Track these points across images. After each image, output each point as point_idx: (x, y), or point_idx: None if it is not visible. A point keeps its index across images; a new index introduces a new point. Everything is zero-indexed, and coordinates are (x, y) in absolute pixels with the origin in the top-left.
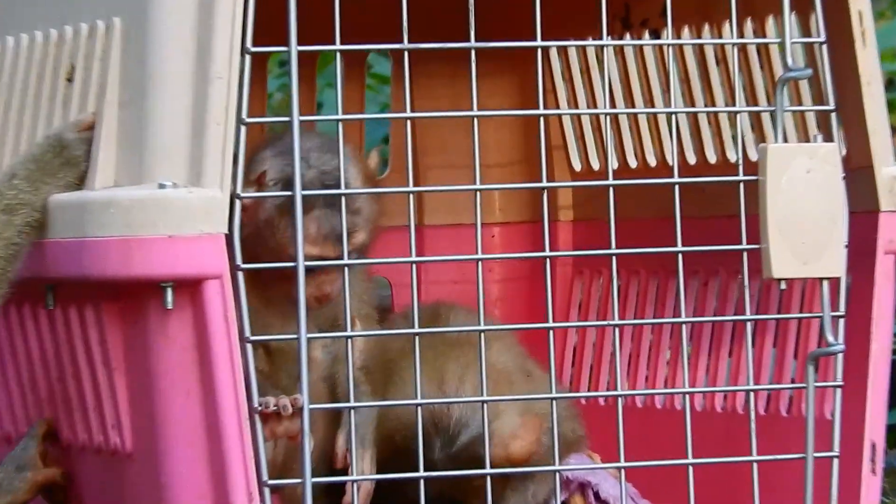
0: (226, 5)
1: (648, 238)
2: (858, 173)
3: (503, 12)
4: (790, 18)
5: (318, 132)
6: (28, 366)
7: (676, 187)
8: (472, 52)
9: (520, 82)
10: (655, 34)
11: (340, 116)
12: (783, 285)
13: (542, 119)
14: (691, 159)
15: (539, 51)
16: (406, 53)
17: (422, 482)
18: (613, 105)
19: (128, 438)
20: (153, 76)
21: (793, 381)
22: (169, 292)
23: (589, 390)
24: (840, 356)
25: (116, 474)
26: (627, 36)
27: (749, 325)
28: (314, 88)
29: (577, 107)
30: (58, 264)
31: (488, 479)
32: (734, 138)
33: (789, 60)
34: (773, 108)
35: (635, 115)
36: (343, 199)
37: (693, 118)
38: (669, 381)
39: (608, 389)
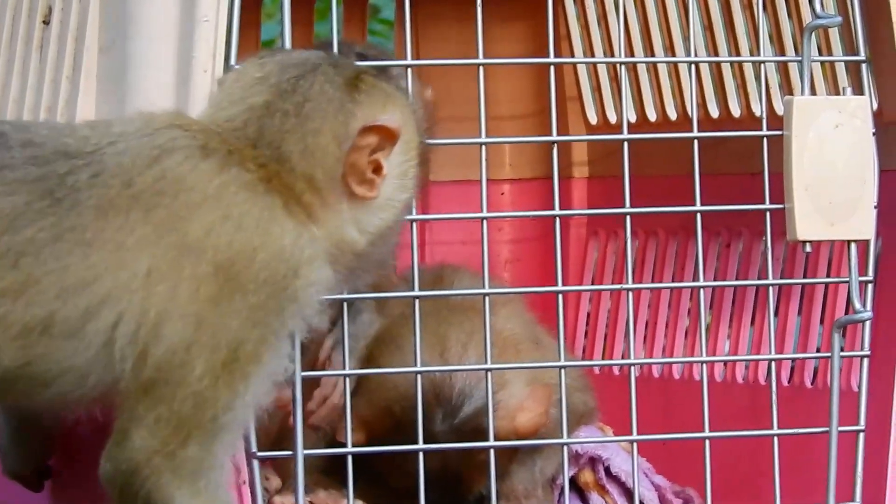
0: None
1: (668, 196)
2: (890, 128)
3: None
4: None
5: None
6: None
7: (696, 142)
8: None
9: (533, 28)
10: None
11: None
12: (808, 248)
13: (552, 68)
14: (714, 112)
15: None
16: None
17: (421, 455)
18: (631, 53)
19: None
20: (135, 18)
21: (818, 350)
22: None
23: (603, 358)
24: (868, 324)
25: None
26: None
27: (772, 291)
28: (311, 26)
29: (593, 55)
30: None
31: (492, 452)
32: (759, 90)
33: (818, 7)
34: (800, 59)
35: (654, 64)
36: None
37: (716, 68)
38: (688, 350)
39: (623, 358)
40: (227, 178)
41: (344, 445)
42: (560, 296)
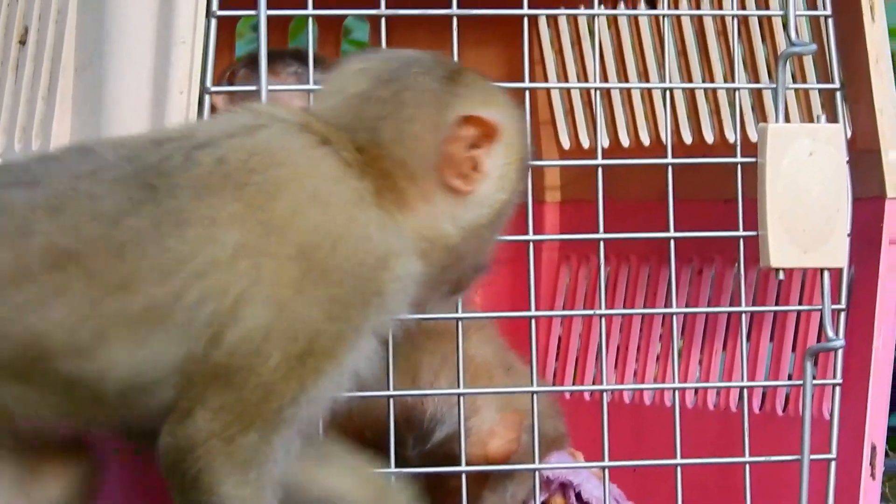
0: None
1: (640, 222)
2: (864, 156)
3: None
4: None
5: None
6: None
7: (670, 168)
8: (454, 20)
9: (506, 52)
10: (651, 3)
11: (311, 87)
12: (781, 275)
13: (527, 92)
14: (687, 138)
15: (526, 19)
16: (383, 20)
17: (392, 479)
18: (605, 79)
19: None
20: (111, 40)
21: (790, 378)
22: None
23: (574, 384)
24: (840, 352)
25: None
26: (622, 5)
27: (745, 318)
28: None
29: (566, 80)
30: None
31: (464, 477)
32: (733, 117)
33: (793, 34)
34: (774, 86)
35: (628, 89)
36: None
37: (690, 94)
38: (660, 375)
39: (594, 384)
40: (318, 155)
41: None
42: (533, 320)
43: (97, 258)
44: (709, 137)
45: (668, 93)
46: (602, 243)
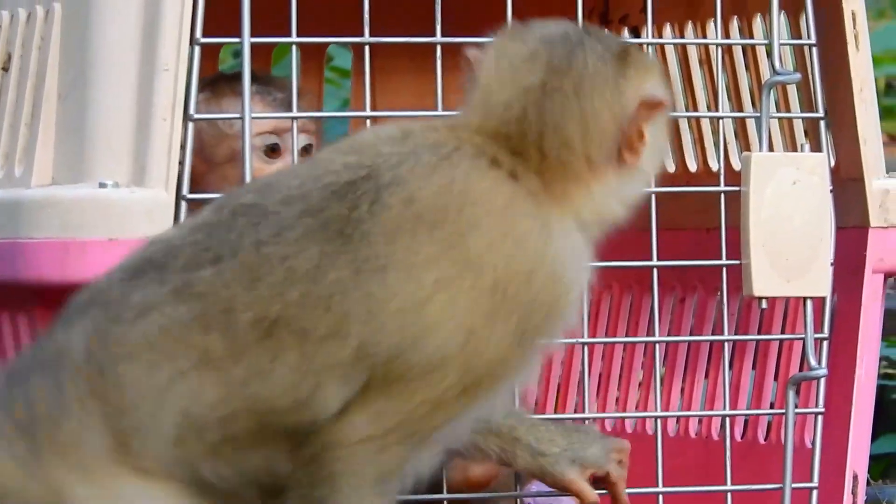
0: None
1: (623, 250)
2: (847, 185)
3: (473, 4)
4: (779, 18)
5: None
6: None
7: (653, 197)
8: (438, 48)
9: None
10: (635, 32)
11: (294, 114)
12: (764, 304)
13: None
14: (671, 167)
15: None
16: (367, 47)
17: None
18: None
19: None
20: (95, 67)
21: (772, 406)
22: None
23: (556, 411)
24: (822, 381)
25: None
26: (606, 33)
27: (727, 346)
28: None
29: None
30: None
31: None
32: (716, 145)
33: (777, 63)
34: (758, 114)
35: None
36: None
37: (673, 123)
38: (642, 403)
39: (576, 411)
40: (509, 192)
41: None
42: None
43: (305, 317)
44: (692, 166)
45: None
46: None
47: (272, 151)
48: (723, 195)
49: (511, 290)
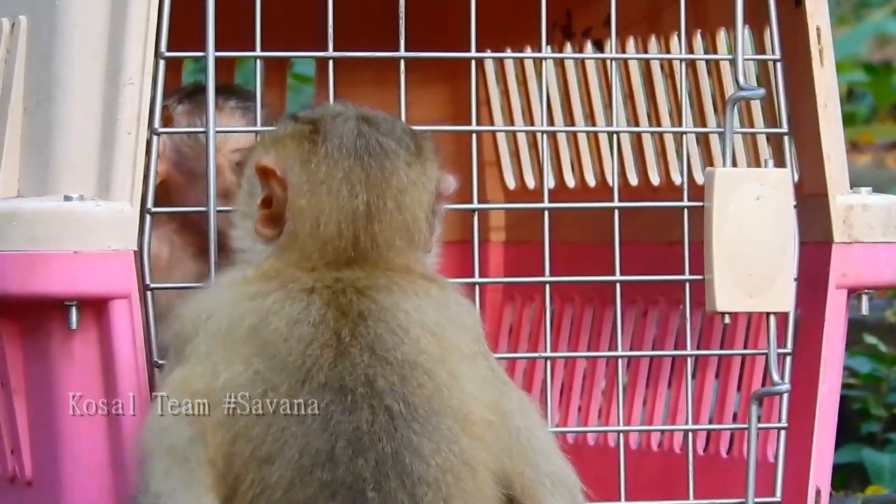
0: (139, 6)
1: (585, 263)
2: (811, 201)
3: (436, 18)
4: (743, 33)
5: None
6: None
7: (616, 212)
8: (402, 63)
9: (452, 92)
10: (598, 45)
11: (259, 128)
12: (727, 319)
13: (474, 135)
14: (633, 181)
15: (473, 62)
16: (331, 61)
17: None
18: (552, 121)
19: (27, 465)
20: (60, 80)
21: (735, 418)
22: (73, 312)
23: None
24: (785, 396)
25: (14, 503)
26: (568, 46)
27: (689, 360)
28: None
29: (512, 119)
30: None
31: None
32: (680, 159)
33: (741, 78)
34: (721, 129)
35: (574, 132)
36: None
37: (636, 137)
38: (604, 413)
39: None
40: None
41: None
42: None
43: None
44: (655, 179)
45: (615, 136)
46: (548, 287)
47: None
48: (686, 210)
49: None
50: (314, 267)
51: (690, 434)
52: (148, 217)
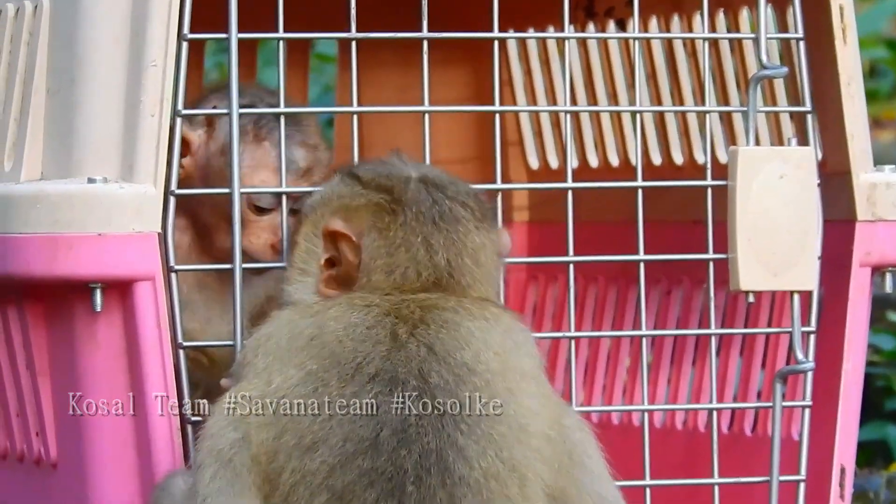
0: None
1: (609, 242)
2: (834, 179)
3: None
4: (766, 12)
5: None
6: None
7: (639, 191)
8: (425, 43)
9: (474, 71)
10: (621, 25)
11: (283, 109)
12: (751, 298)
13: (497, 116)
14: (656, 160)
15: (496, 42)
16: (353, 42)
17: None
18: (574, 100)
19: (52, 447)
20: (83, 62)
21: (759, 397)
22: (97, 294)
23: None
24: (810, 374)
25: (39, 486)
26: (591, 26)
27: (714, 339)
28: (255, 68)
29: (535, 99)
30: None
31: None
32: (703, 138)
33: (764, 57)
34: (745, 109)
35: (597, 112)
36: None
37: (659, 116)
38: (628, 392)
39: None
40: None
41: None
42: None
43: None
44: (678, 159)
45: (637, 116)
46: (572, 267)
47: (260, 212)
48: (709, 189)
49: None
50: (386, 293)
51: (715, 413)
52: (172, 199)
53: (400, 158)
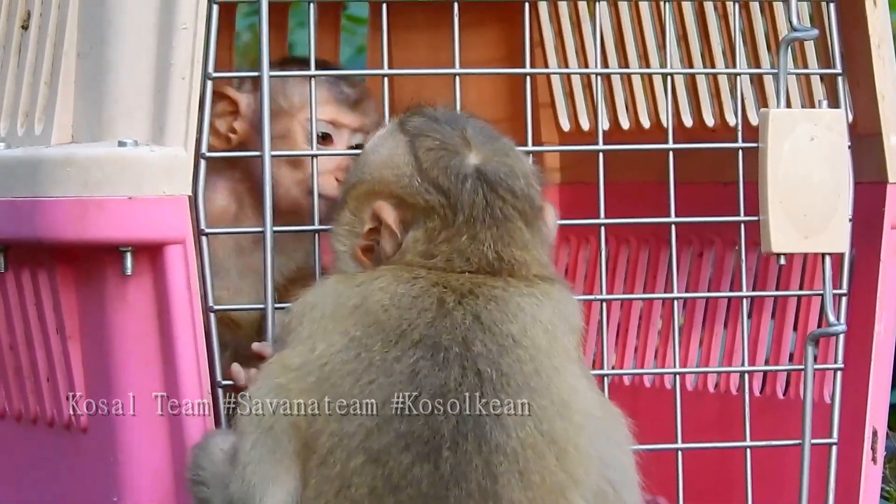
0: None
1: (640, 203)
2: (865, 141)
3: None
4: None
5: None
6: None
7: (671, 153)
8: (456, 5)
9: (505, 33)
10: None
11: (312, 72)
12: (783, 260)
13: (528, 78)
14: (688, 122)
15: (527, 4)
16: (384, 4)
17: None
18: (605, 62)
19: (82, 411)
20: (114, 25)
21: (791, 359)
22: (128, 257)
23: None
24: (841, 337)
25: (70, 449)
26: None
27: (745, 302)
28: (286, 30)
29: (566, 61)
30: (10, 225)
31: None
32: (734, 100)
33: (794, 19)
34: (775, 71)
35: (629, 74)
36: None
37: (691, 78)
38: (660, 354)
39: (594, 366)
40: None
41: None
42: None
43: None
44: (709, 121)
45: (668, 77)
46: (604, 229)
47: (322, 139)
48: (741, 151)
49: None
50: (430, 269)
51: (747, 375)
52: (203, 162)
53: (457, 125)
